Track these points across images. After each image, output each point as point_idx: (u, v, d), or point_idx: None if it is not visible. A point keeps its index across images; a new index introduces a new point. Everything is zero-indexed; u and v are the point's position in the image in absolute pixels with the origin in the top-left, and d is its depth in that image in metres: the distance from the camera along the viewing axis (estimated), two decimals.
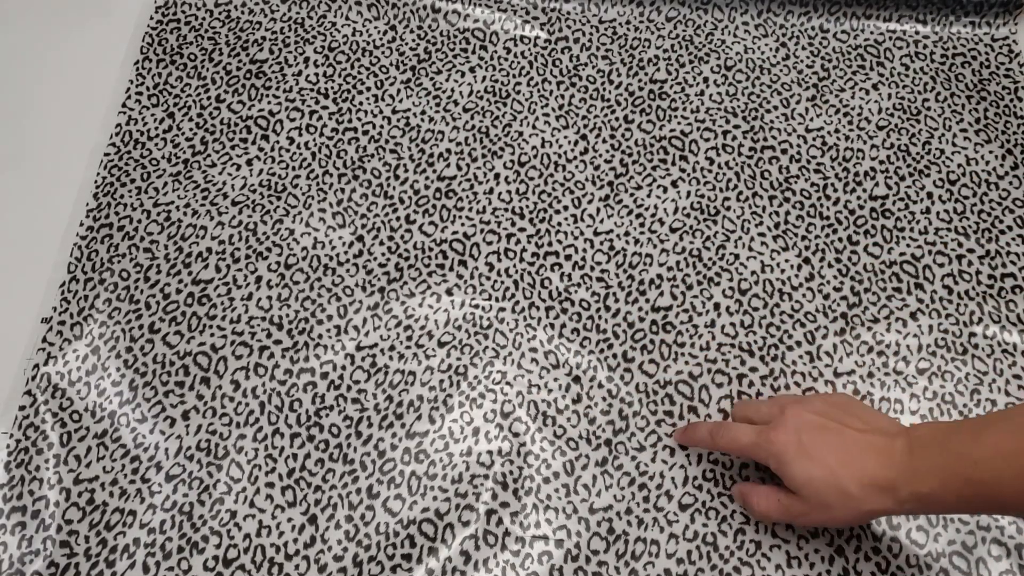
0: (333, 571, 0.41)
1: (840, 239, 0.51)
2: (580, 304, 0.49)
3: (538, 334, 0.48)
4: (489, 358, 0.47)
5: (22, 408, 0.45)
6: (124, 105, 0.54)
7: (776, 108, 0.56)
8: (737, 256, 0.50)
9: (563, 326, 0.48)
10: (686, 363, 0.47)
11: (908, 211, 0.52)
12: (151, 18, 0.58)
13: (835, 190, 0.53)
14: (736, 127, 0.55)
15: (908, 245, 0.51)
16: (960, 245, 0.51)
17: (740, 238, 0.51)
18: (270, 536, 0.41)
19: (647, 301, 0.49)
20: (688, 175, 0.53)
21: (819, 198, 0.53)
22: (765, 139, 0.55)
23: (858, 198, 0.53)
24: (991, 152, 0.54)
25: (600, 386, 0.46)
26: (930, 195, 0.53)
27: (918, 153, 0.54)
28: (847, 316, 0.48)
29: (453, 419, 0.45)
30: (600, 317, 0.48)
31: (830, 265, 0.50)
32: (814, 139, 0.55)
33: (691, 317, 0.48)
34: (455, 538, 0.42)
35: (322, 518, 0.42)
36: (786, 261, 0.50)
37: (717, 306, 0.49)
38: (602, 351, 0.47)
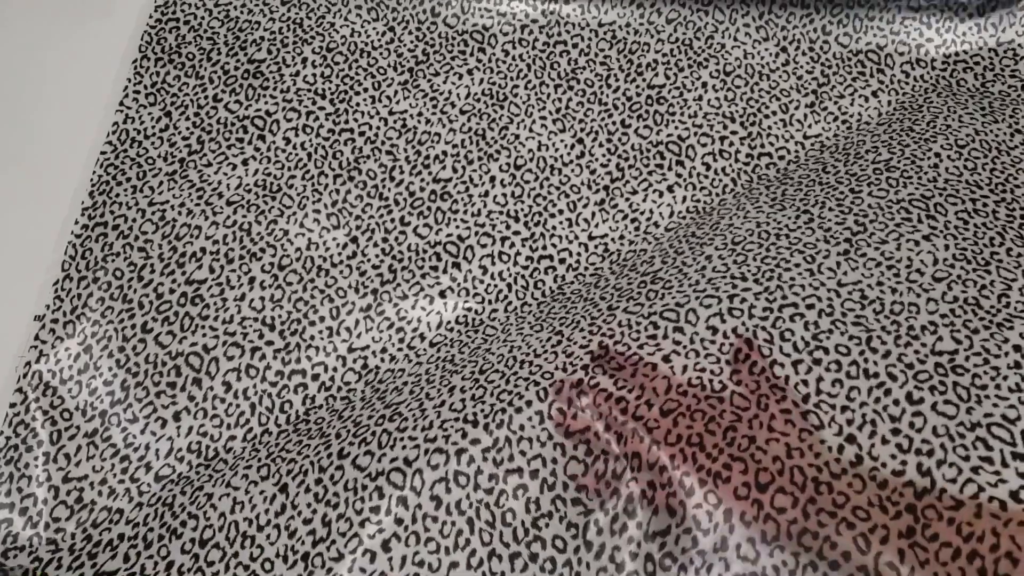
0: (303, 535, 0.39)
1: None
2: None
3: None
4: None
5: (12, 405, 0.45)
6: (122, 103, 0.54)
7: (775, 114, 0.56)
8: None
9: None
10: None
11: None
12: (150, 16, 0.58)
13: None
14: (733, 133, 0.55)
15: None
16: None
17: None
18: (243, 511, 0.40)
19: None
20: (684, 180, 0.53)
21: None
22: (763, 145, 0.55)
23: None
24: (999, 129, 0.53)
25: None
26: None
27: None
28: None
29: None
30: None
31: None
32: (812, 145, 0.55)
33: None
34: (424, 484, 0.39)
35: (292, 485, 0.40)
36: None
37: None
38: None
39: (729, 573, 0.35)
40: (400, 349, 0.47)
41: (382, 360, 0.47)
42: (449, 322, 0.48)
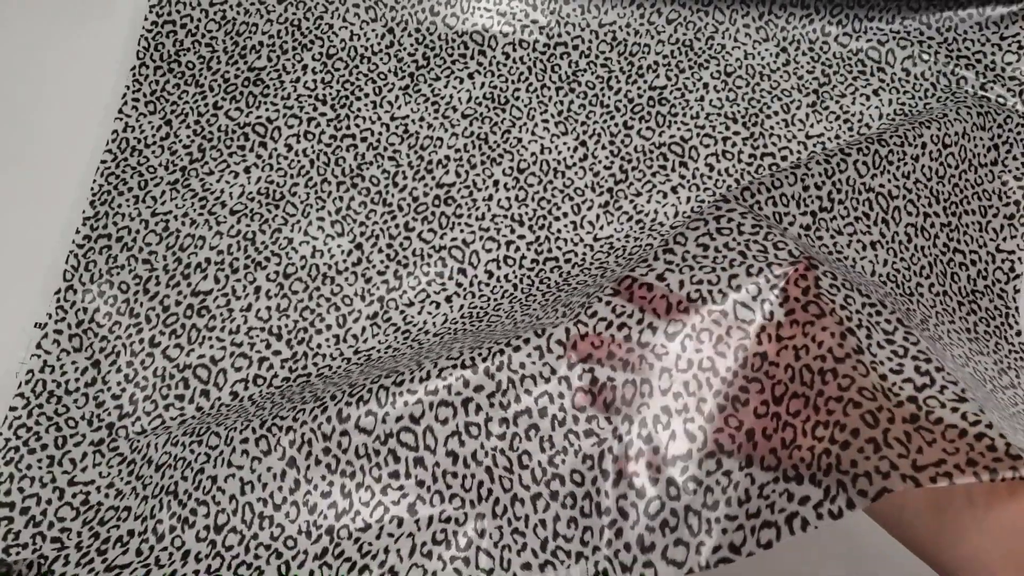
0: (323, 509, 0.39)
1: None
2: None
3: None
4: None
5: (13, 409, 0.45)
6: (121, 111, 0.54)
7: (776, 114, 0.56)
8: None
9: None
10: None
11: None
12: (145, 19, 0.58)
13: None
14: (736, 133, 0.55)
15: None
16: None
17: None
18: (254, 491, 0.40)
19: None
20: (688, 181, 0.53)
21: None
22: (765, 145, 0.55)
23: None
24: (981, 140, 0.54)
25: None
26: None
27: None
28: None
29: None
30: None
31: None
32: (814, 145, 0.55)
33: None
34: (437, 441, 0.39)
35: (300, 458, 0.40)
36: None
37: None
38: None
39: (755, 486, 0.34)
40: (404, 342, 0.47)
41: (386, 353, 0.47)
42: (455, 319, 0.48)
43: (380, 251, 0.50)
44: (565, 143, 0.54)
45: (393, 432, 0.39)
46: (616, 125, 0.55)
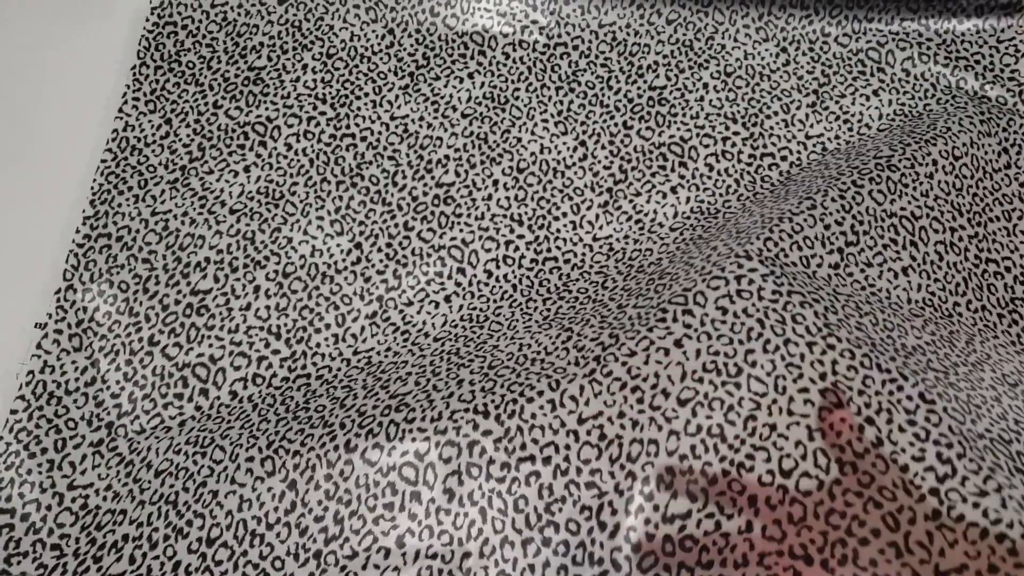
0: (314, 532, 0.39)
1: None
2: None
3: None
4: None
5: (13, 412, 0.45)
6: (121, 110, 0.54)
7: (776, 114, 0.56)
8: None
9: None
10: None
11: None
12: (147, 20, 0.58)
13: None
14: (736, 133, 0.55)
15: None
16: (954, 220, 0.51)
17: None
18: (251, 509, 0.40)
19: None
20: (688, 181, 0.53)
21: None
22: (765, 146, 0.55)
23: None
24: (990, 146, 0.54)
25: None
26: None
27: None
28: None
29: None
30: None
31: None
32: (814, 145, 0.55)
33: None
34: (437, 478, 0.39)
35: (301, 481, 0.40)
36: None
37: None
38: None
39: (754, 552, 0.34)
40: (404, 345, 0.47)
41: (386, 357, 0.47)
42: (454, 320, 0.48)
43: (379, 250, 0.50)
44: (565, 143, 0.54)
45: (396, 465, 0.39)
46: (616, 125, 0.55)
